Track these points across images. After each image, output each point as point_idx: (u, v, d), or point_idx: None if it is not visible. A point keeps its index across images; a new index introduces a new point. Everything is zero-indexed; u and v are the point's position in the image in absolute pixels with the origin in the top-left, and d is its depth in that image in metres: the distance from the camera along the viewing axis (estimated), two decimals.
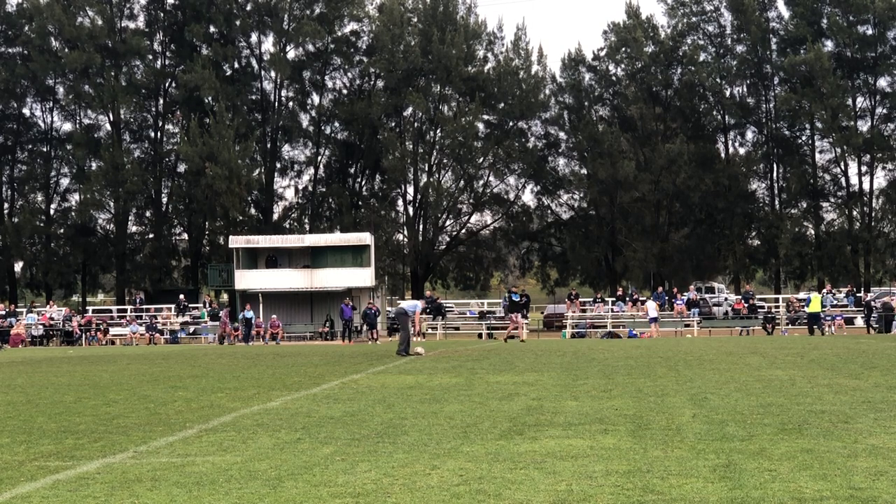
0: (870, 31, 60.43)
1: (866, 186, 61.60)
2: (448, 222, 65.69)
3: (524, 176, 65.33)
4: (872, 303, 41.64)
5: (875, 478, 6.56)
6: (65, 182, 66.79)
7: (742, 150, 65.10)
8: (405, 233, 64.61)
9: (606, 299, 47.69)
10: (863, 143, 59.32)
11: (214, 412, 11.43)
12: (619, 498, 6.10)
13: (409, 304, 27.11)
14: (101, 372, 19.88)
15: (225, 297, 64.82)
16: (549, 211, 67.05)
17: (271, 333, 44.18)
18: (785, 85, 61.97)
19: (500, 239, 66.76)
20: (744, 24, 61.33)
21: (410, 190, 63.96)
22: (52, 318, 49.28)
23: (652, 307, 41.47)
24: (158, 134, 66.26)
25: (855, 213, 61.40)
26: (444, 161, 63.64)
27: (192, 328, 49.13)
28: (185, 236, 67.36)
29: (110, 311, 56.96)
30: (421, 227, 63.50)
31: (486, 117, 63.96)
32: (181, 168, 64.77)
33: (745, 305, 43.69)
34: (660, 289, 50.25)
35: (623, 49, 62.97)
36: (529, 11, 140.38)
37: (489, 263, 66.66)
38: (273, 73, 64.74)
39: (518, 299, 35.10)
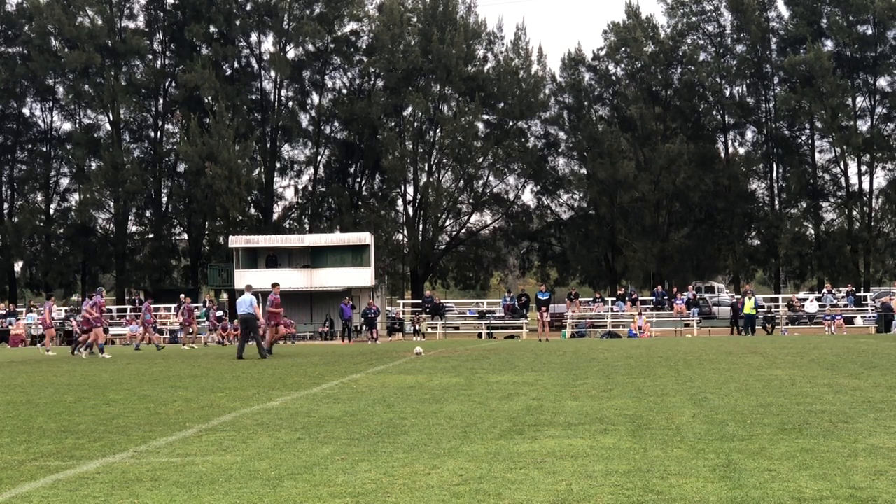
0: (870, 31, 60.44)
1: (866, 186, 61.68)
2: (448, 222, 65.73)
3: (524, 176, 65.37)
4: (872, 302, 41.68)
5: (875, 478, 6.56)
6: (65, 182, 66.92)
7: (742, 150, 65.17)
8: (405, 233, 64.62)
9: (606, 299, 47.70)
10: (862, 143, 59.32)
11: (214, 412, 11.44)
12: (619, 498, 6.10)
13: (249, 301, 25.19)
14: (101, 372, 19.89)
15: (225, 296, 64.83)
16: (548, 211, 67.09)
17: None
18: (785, 85, 61.97)
19: (499, 239, 66.77)
20: (744, 24, 61.34)
21: (410, 190, 64.05)
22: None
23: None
24: (158, 134, 66.27)
25: (855, 212, 61.39)
26: (444, 161, 63.64)
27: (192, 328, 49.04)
28: (185, 236, 67.38)
29: (110, 310, 56.90)
30: (421, 226, 63.51)
31: (485, 117, 63.98)
32: (181, 168, 64.79)
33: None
34: (658, 287, 50.30)
35: (623, 49, 62.98)
36: (529, 11, 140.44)
37: (489, 263, 66.69)
38: (273, 73, 64.78)
39: (546, 297, 39.34)
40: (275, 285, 27.06)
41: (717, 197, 61.15)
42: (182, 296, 41.02)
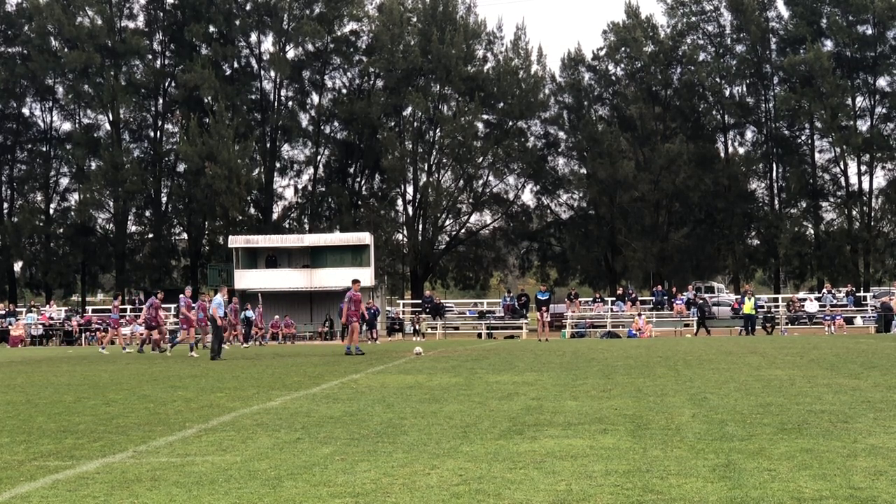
0: (869, 31, 60.47)
1: (866, 186, 61.72)
2: (448, 222, 65.74)
3: (524, 176, 65.37)
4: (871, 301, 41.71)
5: (875, 478, 6.56)
6: (64, 182, 66.91)
7: (742, 150, 65.19)
8: (405, 232, 64.62)
9: (606, 299, 47.70)
10: (862, 143, 59.34)
11: (214, 412, 11.44)
12: (619, 498, 6.10)
13: (216, 303, 25.78)
14: (100, 372, 19.89)
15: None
16: (548, 211, 67.09)
17: (272, 333, 44.18)
18: (784, 85, 61.99)
19: (499, 239, 66.77)
20: (743, 24, 61.37)
21: (410, 190, 64.07)
22: (51, 318, 49.22)
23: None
24: (158, 134, 66.27)
25: (854, 212, 61.41)
26: (444, 161, 63.65)
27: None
28: (185, 236, 67.37)
29: (109, 310, 56.85)
30: (420, 226, 63.51)
31: (485, 117, 63.99)
32: (181, 168, 64.78)
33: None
34: (658, 287, 50.29)
35: (623, 49, 63.00)
36: (529, 11, 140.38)
37: (489, 263, 66.68)
38: (273, 73, 64.79)
39: (545, 297, 39.57)
40: (355, 282, 27.05)
41: (716, 197, 61.15)
42: (234, 298, 40.76)
